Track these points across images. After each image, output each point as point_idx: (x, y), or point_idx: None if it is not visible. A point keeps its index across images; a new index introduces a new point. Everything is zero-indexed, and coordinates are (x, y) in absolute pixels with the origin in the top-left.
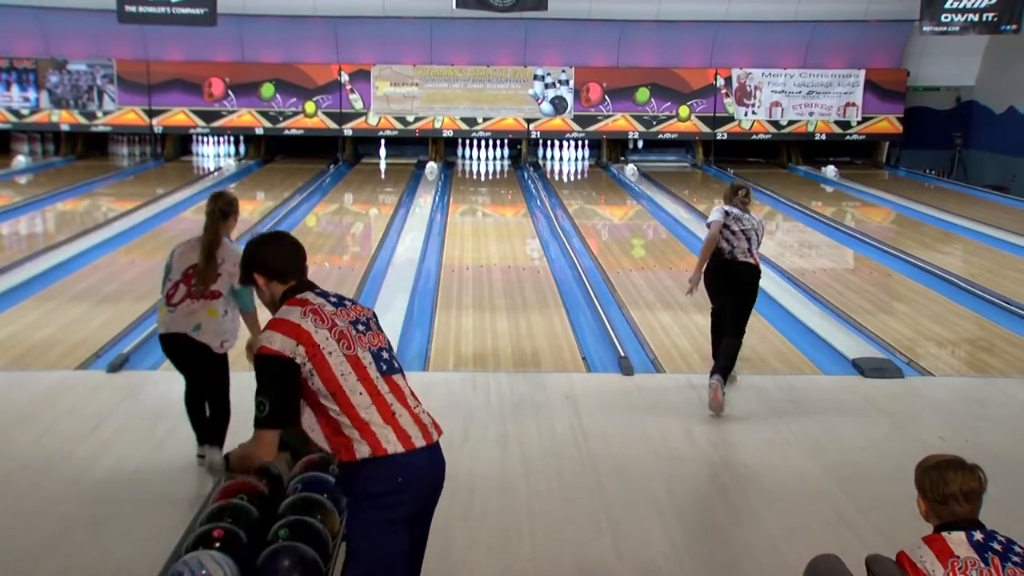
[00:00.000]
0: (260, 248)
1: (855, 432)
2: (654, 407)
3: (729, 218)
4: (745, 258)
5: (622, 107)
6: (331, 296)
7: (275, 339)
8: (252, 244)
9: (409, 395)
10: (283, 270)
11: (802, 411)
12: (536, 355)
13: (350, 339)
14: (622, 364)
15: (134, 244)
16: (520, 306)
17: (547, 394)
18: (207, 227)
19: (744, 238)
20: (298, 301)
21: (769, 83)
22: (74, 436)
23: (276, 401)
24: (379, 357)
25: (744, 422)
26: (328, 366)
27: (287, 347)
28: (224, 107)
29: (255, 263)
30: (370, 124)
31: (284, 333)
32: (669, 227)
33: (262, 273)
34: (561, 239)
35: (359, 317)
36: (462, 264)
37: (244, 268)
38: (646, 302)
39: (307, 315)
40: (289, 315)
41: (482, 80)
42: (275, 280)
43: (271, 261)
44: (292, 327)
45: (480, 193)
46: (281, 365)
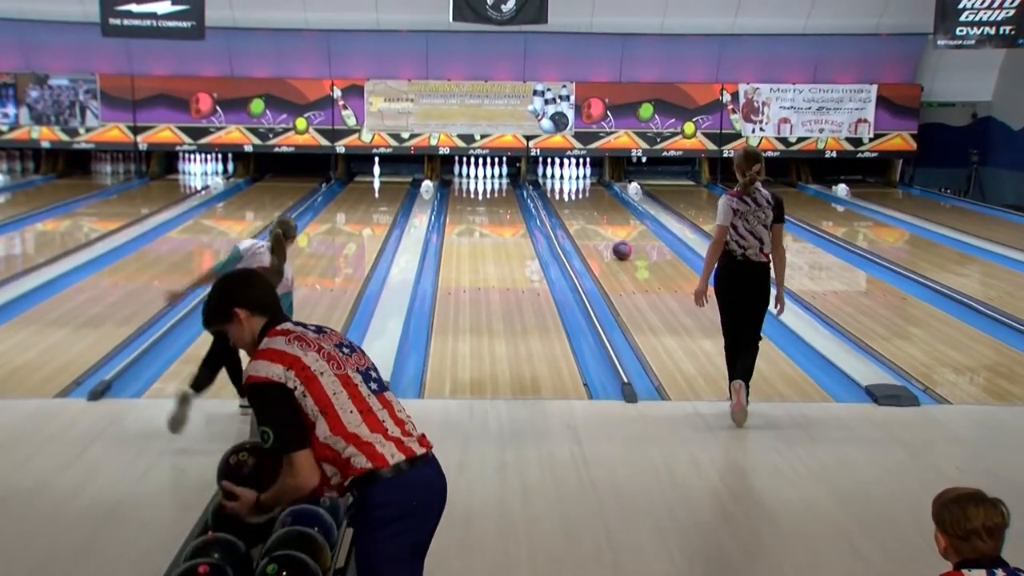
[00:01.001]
0: (241, 283)
1: (869, 462)
2: (659, 435)
3: (736, 217)
4: (758, 257)
5: (625, 124)
6: (310, 326)
7: (262, 367)
8: (231, 280)
9: (400, 410)
10: (268, 303)
11: (813, 440)
12: (536, 381)
13: (338, 360)
14: (625, 391)
15: (117, 266)
16: (519, 330)
17: (547, 422)
18: (278, 249)
19: (755, 237)
20: (280, 331)
21: (777, 99)
22: (54, 466)
23: (280, 425)
24: (368, 376)
25: (752, 450)
26: (320, 385)
27: (275, 373)
28: (212, 123)
29: (238, 298)
30: (364, 141)
31: (272, 360)
32: (674, 248)
33: (246, 307)
34: (562, 260)
35: (342, 341)
36: (459, 287)
37: (222, 304)
38: (650, 326)
39: (292, 341)
40: (274, 344)
41: (480, 96)
42: (258, 314)
43: (257, 294)
44: (280, 354)
45: (478, 213)
46: (274, 390)
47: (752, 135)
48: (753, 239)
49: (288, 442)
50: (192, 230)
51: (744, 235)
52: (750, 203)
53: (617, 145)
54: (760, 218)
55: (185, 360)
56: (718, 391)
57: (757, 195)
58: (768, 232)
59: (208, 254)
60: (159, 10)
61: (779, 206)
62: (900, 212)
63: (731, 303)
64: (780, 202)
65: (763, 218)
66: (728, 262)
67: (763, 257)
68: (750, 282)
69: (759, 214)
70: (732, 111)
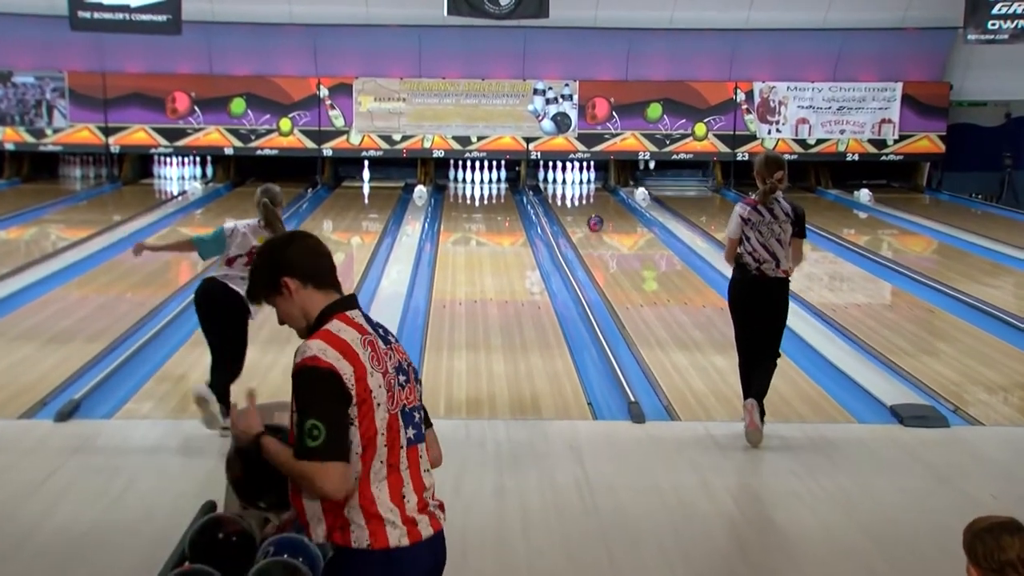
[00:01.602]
0: (292, 247)
1: (894, 487)
2: (667, 457)
3: (748, 227)
4: (775, 273)
5: (632, 125)
6: (378, 326)
7: (331, 353)
8: (279, 243)
9: (425, 470)
10: (323, 273)
11: (833, 463)
12: (536, 400)
13: (394, 392)
14: (632, 410)
15: (87, 277)
16: (519, 345)
17: (549, 443)
18: (273, 218)
19: (768, 252)
20: (352, 322)
21: (795, 98)
22: (18, 493)
23: (334, 426)
24: (411, 420)
25: (768, 474)
26: (373, 419)
27: (344, 369)
28: (189, 124)
29: (283, 265)
30: (352, 143)
31: (343, 353)
32: (684, 258)
33: (297, 276)
34: (564, 271)
35: (401, 363)
36: (454, 299)
37: (266, 274)
38: (659, 341)
39: (366, 346)
40: (346, 334)
41: (476, 95)
42: (311, 285)
43: (310, 262)
44: (350, 352)
45: (474, 220)
46: (337, 384)
47: (768, 137)
48: (766, 253)
49: (336, 449)
50: (168, 239)
51: (756, 248)
52: (765, 214)
53: (623, 148)
54: (775, 232)
55: (161, 378)
56: (731, 410)
57: (776, 206)
58: (785, 248)
59: (186, 265)
60: (132, 2)
61: (800, 219)
62: (927, 219)
63: (745, 319)
64: (801, 215)
65: (778, 232)
66: (742, 276)
67: (780, 273)
68: (765, 298)
69: (774, 227)
70: (747, 111)
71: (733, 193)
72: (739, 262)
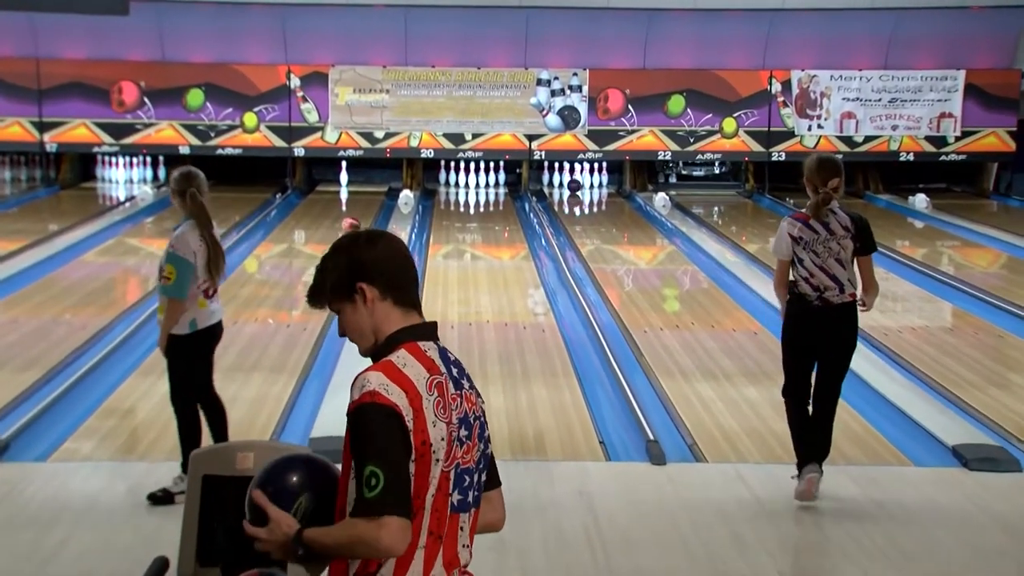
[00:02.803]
0: (372, 246)
1: (957, 541)
2: (693, 506)
3: (800, 247)
4: (840, 299)
5: (650, 120)
6: (455, 363)
7: (394, 390)
8: (357, 239)
9: (462, 547)
10: (407, 286)
11: (886, 512)
12: (540, 438)
13: (452, 447)
14: (651, 450)
15: (18, 296)
16: (520, 374)
17: (555, 489)
18: (199, 211)
19: (828, 276)
20: (422, 354)
21: (840, 88)
22: None
23: (395, 473)
24: (461, 482)
25: (810, 526)
26: (427, 478)
27: (405, 409)
28: (138, 119)
29: (364, 267)
30: (328, 142)
31: (407, 392)
32: (711, 274)
33: (376, 283)
34: (572, 289)
35: (468, 414)
36: (445, 321)
37: (341, 275)
38: (682, 370)
39: (432, 388)
40: (409, 369)
41: (471, 86)
42: (391, 298)
43: (392, 267)
44: (414, 391)
45: (468, 230)
46: (399, 426)
47: (808, 134)
48: (826, 277)
49: (396, 501)
50: (113, 252)
51: (813, 272)
52: (819, 230)
53: (640, 147)
54: (833, 250)
55: (104, 413)
56: (765, 450)
57: (832, 220)
58: (847, 269)
59: (134, 282)
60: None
61: (863, 232)
62: (994, 228)
63: (806, 360)
64: (864, 226)
65: (837, 250)
66: (801, 309)
67: (847, 298)
68: (831, 331)
69: (831, 245)
70: (783, 104)
71: (768, 199)
72: (794, 291)
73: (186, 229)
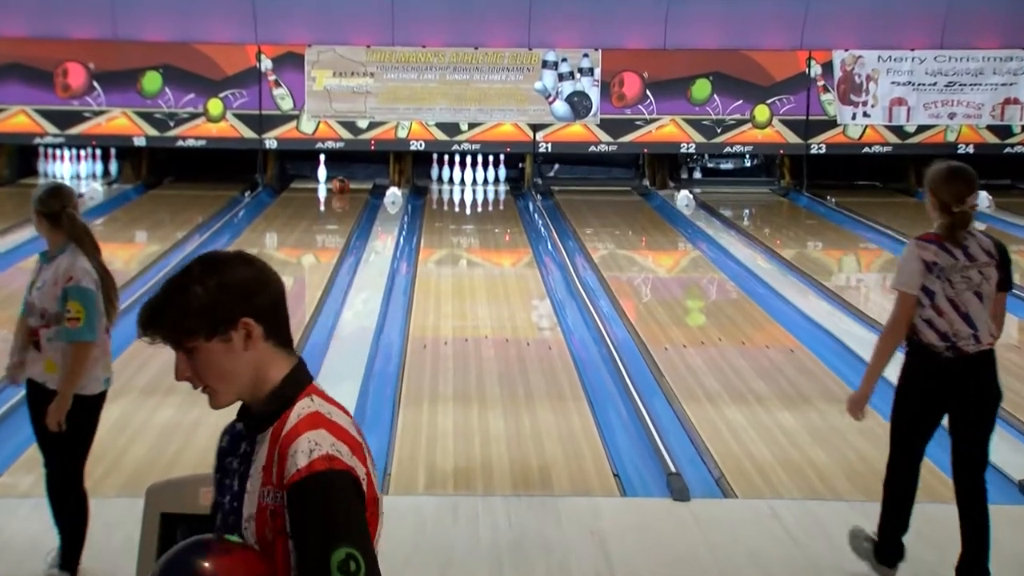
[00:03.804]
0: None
1: None
2: (720, 548)
3: (933, 278)
4: (976, 347)
5: (672, 107)
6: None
7: (344, 450)
8: (233, 263)
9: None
10: (285, 321)
11: (943, 554)
12: (546, 470)
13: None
14: (672, 484)
15: None
16: (522, 397)
17: (563, 528)
18: (83, 234)
19: (961, 315)
20: (336, 403)
21: (889, 71)
22: None
23: (374, 556)
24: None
25: (854, 569)
26: (373, 535)
27: (359, 470)
28: (87, 106)
29: (249, 299)
30: (304, 132)
31: (349, 445)
32: (741, 282)
33: (260, 320)
34: (582, 300)
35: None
36: (438, 336)
37: (222, 305)
38: (707, 393)
39: (359, 435)
40: (338, 418)
41: (467, 69)
42: (273, 339)
43: (273, 300)
44: (354, 442)
45: (464, 232)
46: (358, 490)
47: (852, 123)
48: (958, 318)
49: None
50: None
51: (943, 309)
52: (958, 255)
53: (660, 138)
54: (972, 281)
55: None
56: (802, 484)
57: (971, 243)
58: (986, 306)
59: None
60: None
61: (1006, 262)
62: None
63: (928, 425)
64: (1006, 254)
65: (977, 281)
66: (926, 362)
67: (985, 346)
68: (969, 389)
69: (971, 274)
70: (824, 89)
71: (806, 197)
72: (916, 340)
73: (73, 257)
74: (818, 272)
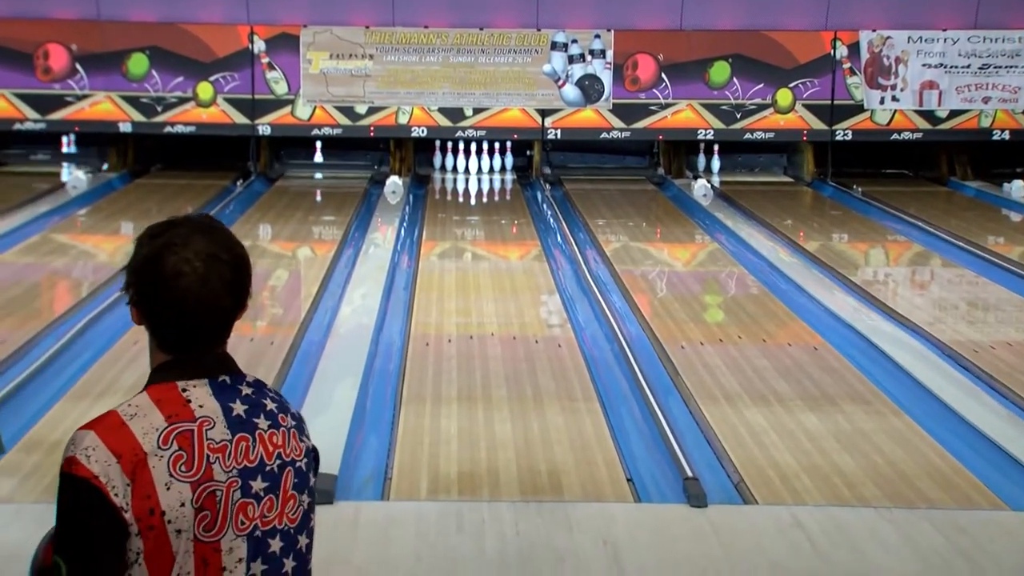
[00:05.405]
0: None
1: None
2: (740, 557)
3: None
4: None
5: (688, 91)
6: (244, 399)
7: (98, 455)
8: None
9: None
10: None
11: (975, 564)
12: (556, 475)
13: (220, 509)
14: (689, 489)
15: None
16: (531, 398)
17: (573, 537)
18: None
19: None
20: (175, 397)
21: (919, 53)
22: None
23: (77, 571)
24: (264, 548)
25: None
26: (168, 554)
27: (112, 481)
28: (69, 90)
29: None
30: (299, 118)
31: (117, 453)
32: (761, 277)
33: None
34: (594, 295)
35: (269, 460)
36: (441, 334)
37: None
38: (726, 393)
39: (170, 442)
40: (137, 422)
41: (472, 50)
42: (155, 336)
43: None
44: (132, 452)
45: (469, 224)
46: (100, 504)
47: (880, 108)
48: None
49: None
50: (38, 251)
51: None
52: None
53: (677, 124)
54: None
55: (27, 447)
56: (828, 491)
57: None
58: None
59: (63, 287)
60: None
61: None
62: None
63: None
64: None
65: None
66: None
67: None
68: None
69: None
70: (850, 72)
71: (831, 186)
72: None
73: None
74: (844, 265)
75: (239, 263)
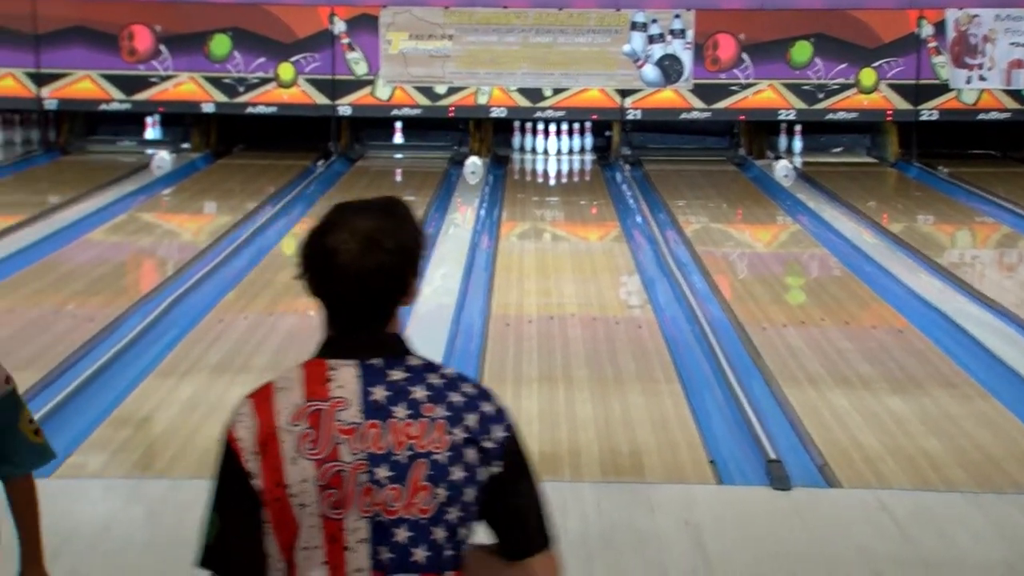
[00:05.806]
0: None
1: None
2: (824, 541)
3: None
4: None
5: (770, 72)
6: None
7: (247, 422)
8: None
9: None
10: (325, 295)
11: None
12: (637, 456)
13: (344, 489)
14: (772, 472)
15: (11, 283)
16: (611, 379)
17: (655, 518)
18: None
19: None
20: (320, 375)
21: (1007, 31)
22: None
23: (231, 525)
24: (388, 536)
25: (973, 568)
26: (293, 527)
27: (246, 448)
28: (153, 71)
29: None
30: (379, 99)
31: (261, 421)
32: (845, 259)
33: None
34: (674, 277)
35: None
36: (521, 315)
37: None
38: (809, 376)
39: (301, 419)
40: (282, 395)
41: (551, 31)
42: (321, 311)
43: (313, 265)
44: (269, 424)
45: (548, 205)
46: (235, 467)
47: (967, 87)
48: None
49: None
50: (125, 229)
51: None
52: None
53: (758, 104)
54: None
55: (116, 423)
56: (914, 474)
57: None
58: None
59: (150, 265)
60: None
61: None
62: None
63: None
64: None
65: None
66: None
67: None
68: None
69: None
70: (935, 51)
71: (916, 168)
72: None
73: None
74: (929, 247)
75: (402, 248)
